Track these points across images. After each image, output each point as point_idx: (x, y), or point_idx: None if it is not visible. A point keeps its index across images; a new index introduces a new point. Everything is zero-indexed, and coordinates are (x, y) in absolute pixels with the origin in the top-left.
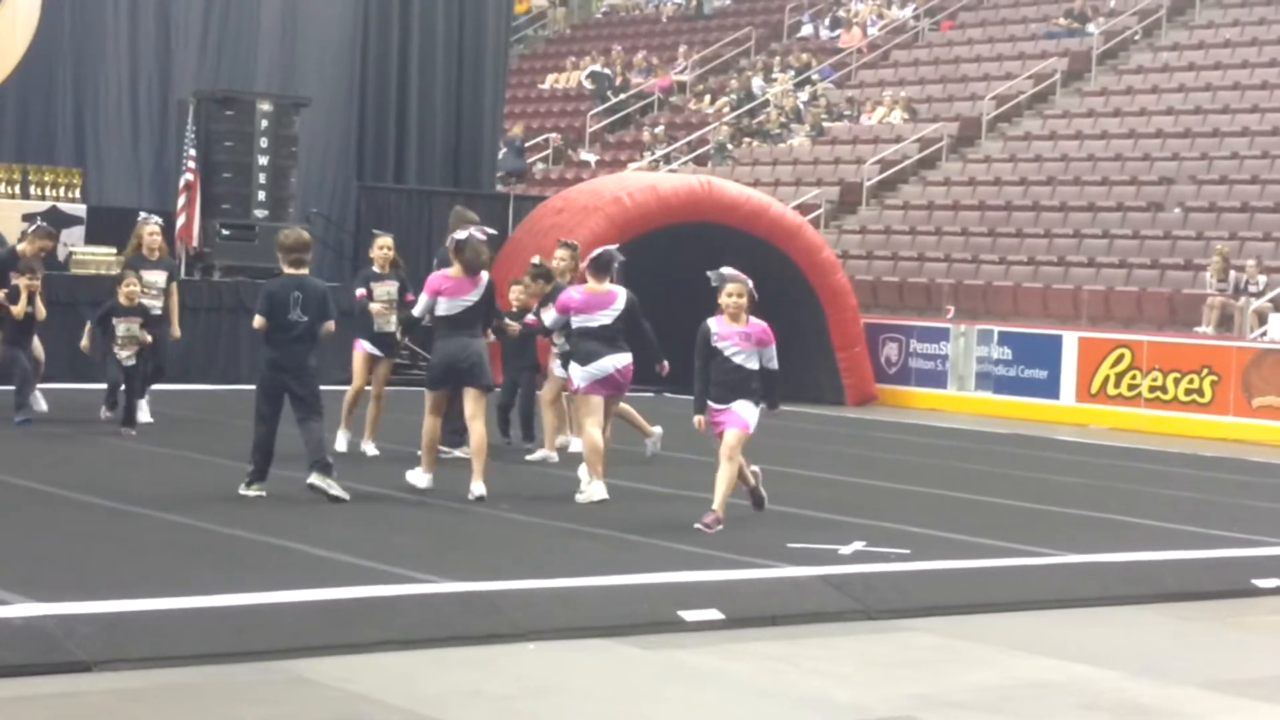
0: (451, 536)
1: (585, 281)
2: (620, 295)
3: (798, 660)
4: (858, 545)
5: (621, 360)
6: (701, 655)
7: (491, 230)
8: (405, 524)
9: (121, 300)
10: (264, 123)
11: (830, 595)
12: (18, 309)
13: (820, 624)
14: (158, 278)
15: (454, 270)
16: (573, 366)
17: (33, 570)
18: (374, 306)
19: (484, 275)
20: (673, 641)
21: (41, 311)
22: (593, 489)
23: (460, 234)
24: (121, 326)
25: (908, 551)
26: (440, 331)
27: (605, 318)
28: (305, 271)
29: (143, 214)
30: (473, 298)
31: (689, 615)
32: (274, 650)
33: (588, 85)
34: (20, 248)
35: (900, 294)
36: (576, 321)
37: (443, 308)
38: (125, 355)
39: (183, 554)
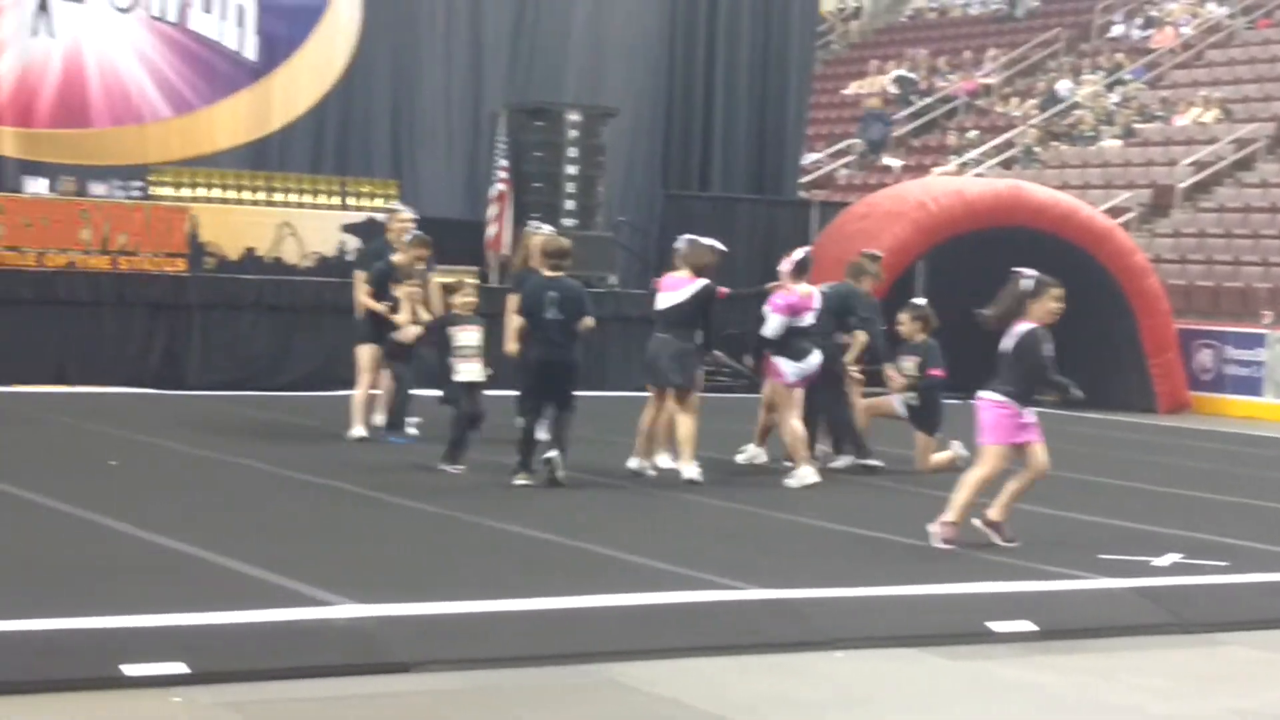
0: (756, 542)
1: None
2: (818, 295)
3: (1111, 673)
4: (1173, 557)
5: (819, 357)
6: (1011, 667)
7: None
8: (709, 529)
9: (456, 309)
10: (572, 133)
11: (1144, 607)
12: (401, 319)
13: (1133, 636)
14: None
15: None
16: (785, 362)
17: (353, 572)
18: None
19: (699, 279)
20: (982, 652)
21: (423, 316)
22: (802, 473)
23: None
24: (461, 336)
25: (1225, 563)
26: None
27: (811, 318)
28: (562, 274)
29: (532, 223)
30: (677, 297)
31: (998, 626)
32: (585, 654)
33: (893, 89)
34: (396, 258)
35: (1215, 299)
36: (789, 322)
37: (658, 301)
38: (465, 369)
39: (495, 556)
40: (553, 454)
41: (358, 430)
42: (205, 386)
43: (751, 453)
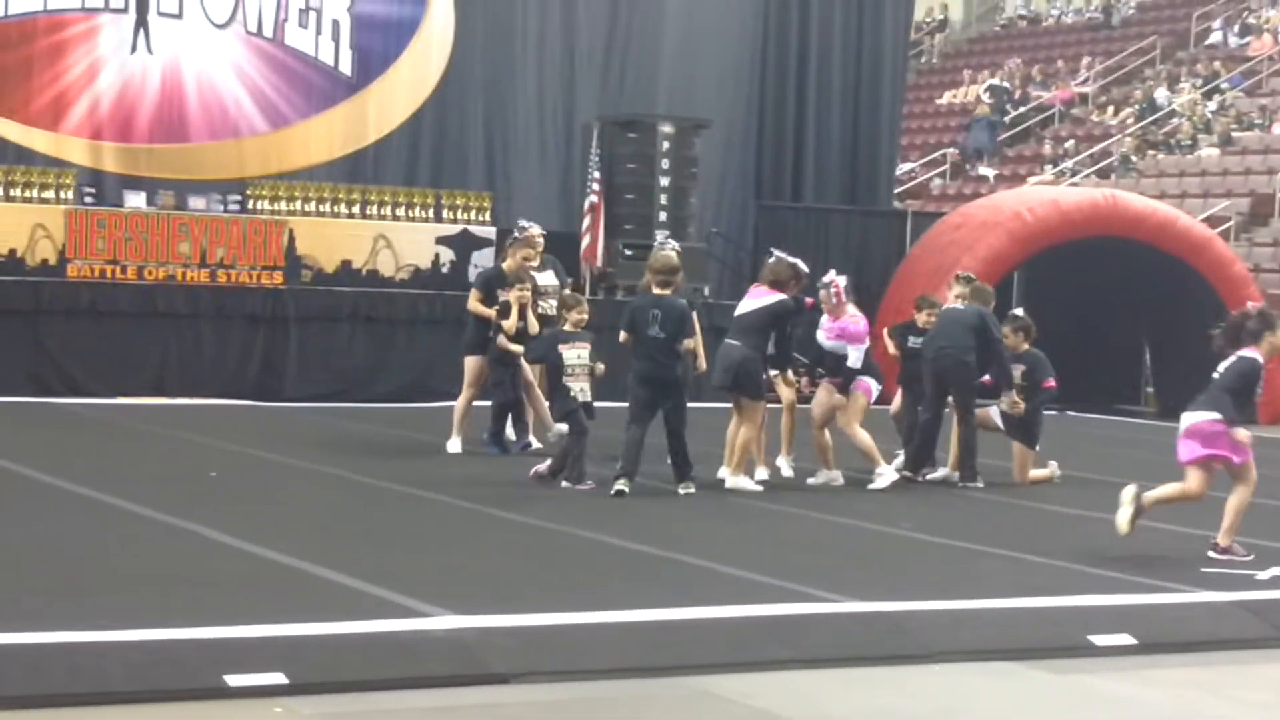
0: (852, 554)
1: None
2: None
3: (1215, 688)
4: (1276, 570)
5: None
6: (1113, 681)
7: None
8: (803, 541)
9: (568, 326)
10: (665, 144)
11: (1248, 621)
12: (509, 324)
13: (1237, 650)
14: None
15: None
16: (872, 382)
17: (452, 584)
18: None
19: (776, 293)
20: (1083, 666)
21: (534, 325)
22: (884, 476)
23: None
24: (570, 354)
25: None
26: None
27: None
28: (668, 292)
29: (659, 238)
30: (749, 305)
31: (1099, 639)
32: (681, 666)
33: (986, 99)
34: (505, 264)
35: None
36: (863, 347)
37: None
38: (577, 387)
39: (593, 568)
40: (687, 490)
41: (454, 444)
42: (302, 398)
43: (826, 476)
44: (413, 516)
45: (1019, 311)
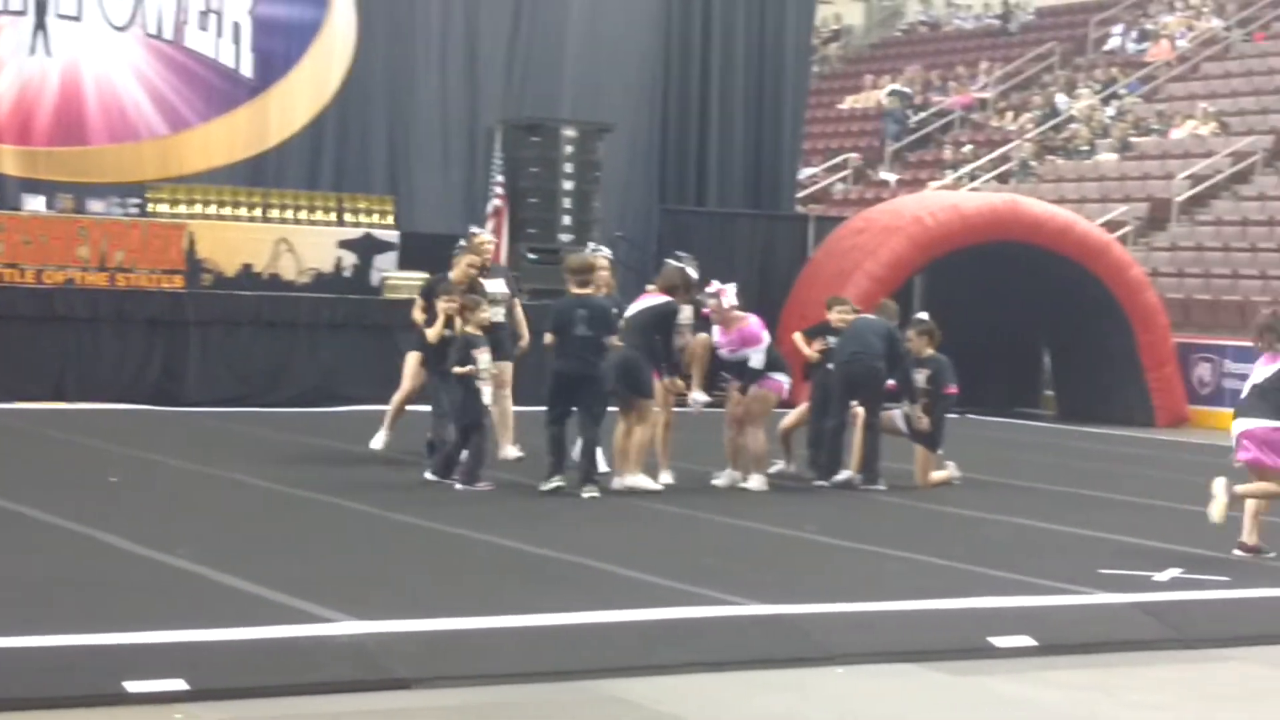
0: (755, 557)
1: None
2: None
3: (1113, 690)
4: (1173, 572)
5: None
6: (1012, 682)
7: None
8: (710, 545)
9: (471, 329)
10: (568, 148)
11: (1146, 623)
12: (432, 333)
13: (1135, 652)
14: None
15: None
16: (782, 376)
17: (355, 589)
18: None
19: (662, 295)
20: (982, 668)
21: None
22: (757, 481)
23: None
24: (484, 358)
25: (1227, 579)
26: None
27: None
28: (590, 291)
29: (591, 245)
30: (635, 308)
31: (998, 641)
32: (587, 670)
33: (887, 104)
34: (453, 274)
35: (1213, 312)
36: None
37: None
38: (486, 391)
39: (496, 572)
40: (590, 493)
41: (378, 440)
42: (203, 403)
43: (731, 476)
44: (315, 522)
45: (923, 316)
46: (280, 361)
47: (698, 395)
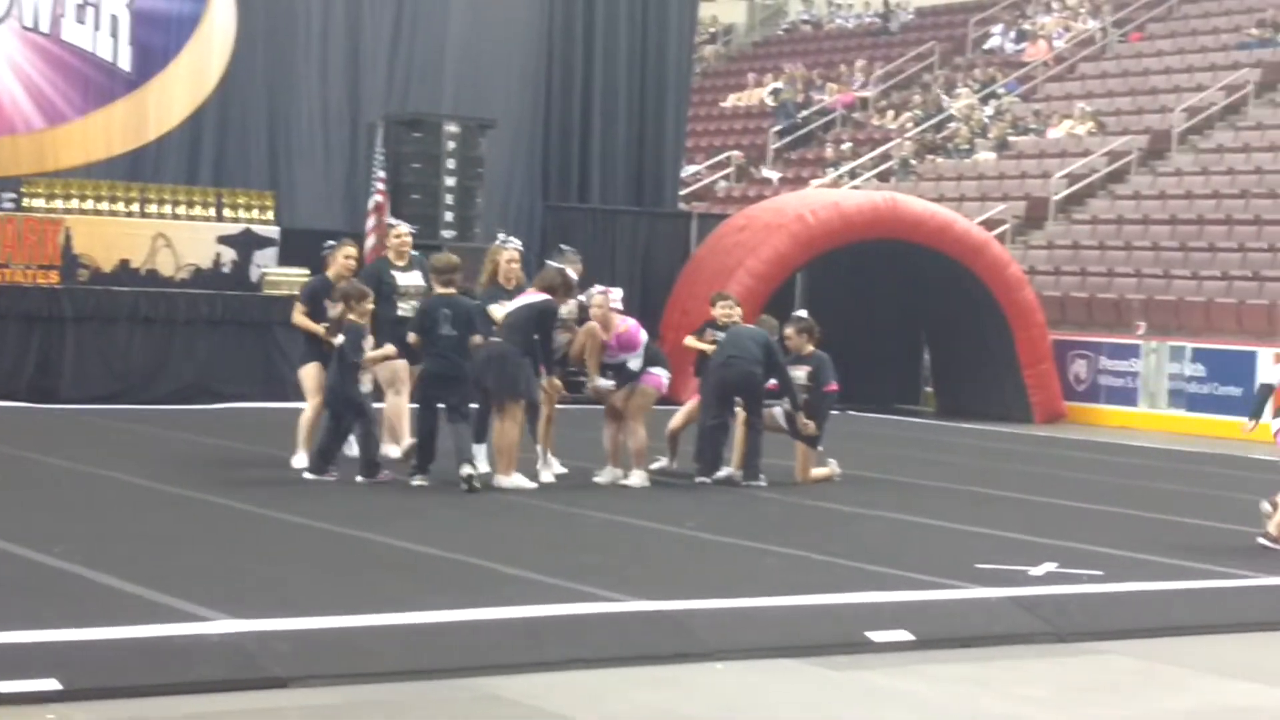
0: (635, 554)
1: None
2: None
3: (990, 683)
4: (1049, 566)
5: None
6: (891, 677)
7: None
8: (592, 542)
9: (354, 317)
10: (450, 144)
11: (1021, 617)
12: (331, 338)
13: (1011, 646)
14: None
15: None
16: (663, 372)
17: (230, 587)
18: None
19: (538, 294)
20: (861, 663)
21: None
22: (638, 478)
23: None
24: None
25: (1101, 573)
26: None
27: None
28: (454, 291)
29: (501, 236)
30: (513, 306)
31: (877, 636)
32: (465, 667)
33: (771, 102)
34: (330, 272)
35: (1089, 310)
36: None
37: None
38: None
39: (374, 569)
40: (468, 470)
41: (299, 459)
42: (80, 400)
43: (612, 473)
44: (192, 519)
45: (803, 313)
46: (158, 358)
47: (600, 383)
